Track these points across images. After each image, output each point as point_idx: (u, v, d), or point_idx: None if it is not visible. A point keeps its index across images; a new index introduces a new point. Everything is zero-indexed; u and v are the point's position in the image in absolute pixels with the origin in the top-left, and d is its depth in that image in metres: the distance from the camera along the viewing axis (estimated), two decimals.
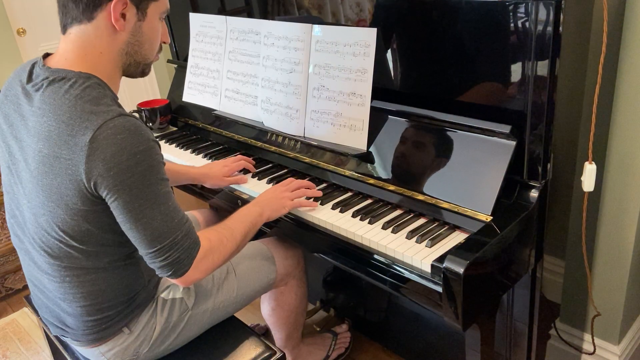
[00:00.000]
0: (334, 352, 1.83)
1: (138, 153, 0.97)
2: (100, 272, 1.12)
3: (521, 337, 1.40)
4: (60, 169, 0.99)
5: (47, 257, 1.10)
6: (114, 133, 0.96)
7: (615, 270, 1.48)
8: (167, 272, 1.07)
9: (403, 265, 1.17)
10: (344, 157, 1.47)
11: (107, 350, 1.22)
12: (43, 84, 1.03)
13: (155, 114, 2.01)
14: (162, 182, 1.03)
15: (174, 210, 1.05)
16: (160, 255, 1.05)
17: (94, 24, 1.03)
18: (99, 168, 0.96)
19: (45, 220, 1.06)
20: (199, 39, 1.88)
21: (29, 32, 3.15)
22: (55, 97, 1.00)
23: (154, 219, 1.02)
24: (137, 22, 1.07)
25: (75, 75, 1.02)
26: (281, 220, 1.43)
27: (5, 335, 2.22)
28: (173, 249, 1.05)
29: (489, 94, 1.22)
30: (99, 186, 0.98)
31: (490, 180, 1.18)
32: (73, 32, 1.05)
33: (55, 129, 0.99)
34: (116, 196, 0.98)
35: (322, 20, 1.53)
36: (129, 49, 1.09)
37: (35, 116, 1.02)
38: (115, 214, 1.03)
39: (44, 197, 1.03)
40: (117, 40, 1.06)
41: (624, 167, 1.35)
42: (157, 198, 1.02)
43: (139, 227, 1.02)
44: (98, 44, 1.05)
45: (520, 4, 1.09)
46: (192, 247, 1.08)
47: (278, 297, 1.58)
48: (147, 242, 1.03)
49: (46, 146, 1.00)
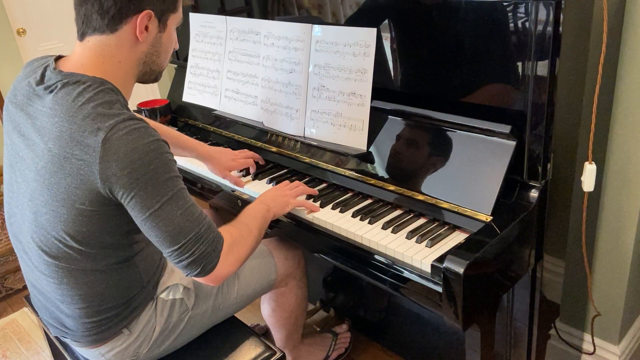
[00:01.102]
0: (334, 352, 1.83)
1: (150, 152, 0.99)
2: (98, 274, 1.12)
3: (521, 337, 1.40)
4: (72, 169, 1.00)
5: (45, 256, 1.10)
6: (126, 134, 0.98)
7: (615, 270, 1.48)
8: (195, 270, 1.05)
9: (403, 265, 1.17)
10: (344, 157, 1.47)
11: (107, 351, 1.22)
12: (57, 85, 1.03)
13: (155, 114, 2.01)
14: (177, 179, 1.04)
15: (193, 206, 1.06)
16: (186, 251, 1.03)
17: (117, 35, 1.05)
18: (112, 168, 0.97)
19: (47, 220, 1.06)
20: (199, 39, 1.88)
21: (29, 32, 3.15)
22: (68, 98, 1.01)
23: (173, 214, 1.02)
24: (158, 33, 1.09)
25: (90, 80, 1.03)
26: (281, 220, 1.43)
27: (5, 335, 2.22)
28: (198, 242, 1.04)
29: (489, 94, 1.22)
30: (114, 186, 0.99)
31: (490, 180, 1.18)
32: (92, 41, 1.06)
33: (67, 129, 1.00)
34: (133, 194, 0.99)
35: (322, 20, 1.53)
36: (147, 59, 1.11)
37: (47, 116, 1.03)
38: (134, 215, 1.03)
39: (48, 196, 1.04)
40: (137, 51, 1.08)
41: (624, 167, 1.36)
42: (174, 193, 1.02)
43: (160, 225, 1.02)
44: (117, 54, 1.07)
45: (520, 4, 1.09)
46: (217, 239, 1.08)
47: (278, 298, 1.58)
48: (171, 239, 1.03)
49: (56, 146, 1.01)
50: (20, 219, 1.14)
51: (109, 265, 1.13)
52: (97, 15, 1.03)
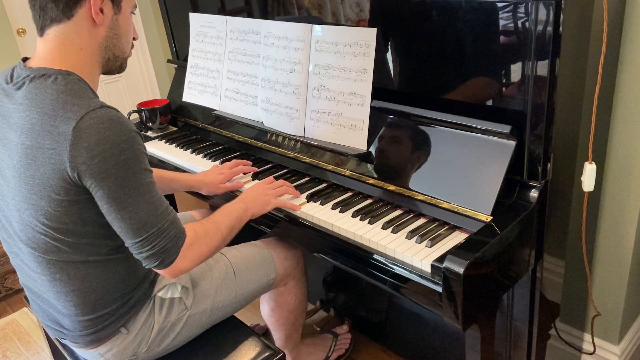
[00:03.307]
0: (334, 353, 1.83)
1: (121, 142, 0.99)
2: (89, 268, 1.12)
3: (521, 337, 1.39)
4: (44, 159, 1.00)
5: (34, 252, 1.10)
6: (98, 122, 0.98)
7: (615, 270, 1.48)
8: (154, 262, 1.08)
9: (403, 265, 1.17)
10: (344, 157, 1.47)
11: (106, 351, 1.22)
12: (24, 81, 1.04)
13: (155, 114, 2.01)
14: (146, 172, 1.05)
15: (159, 200, 1.07)
16: (147, 244, 1.05)
17: (73, 21, 1.06)
18: (82, 156, 0.97)
19: (29, 215, 1.06)
20: (199, 39, 1.88)
21: (29, 32, 3.15)
22: (37, 92, 1.02)
23: (139, 208, 1.03)
24: (114, 15, 1.11)
25: (56, 72, 1.04)
26: (281, 220, 1.43)
27: (5, 335, 2.22)
28: (159, 237, 1.06)
29: (489, 94, 1.22)
30: (83, 175, 0.99)
31: (490, 180, 1.18)
32: (52, 33, 1.07)
33: (38, 121, 1.00)
34: (101, 185, 0.99)
35: (322, 20, 1.53)
36: (108, 43, 1.12)
37: (18, 112, 1.04)
38: (100, 204, 1.03)
39: (26, 191, 1.04)
40: (97, 36, 1.09)
41: (624, 167, 1.35)
42: (141, 187, 1.03)
43: (124, 217, 1.03)
44: (78, 41, 1.08)
45: (520, 4, 1.09)
46: (179, 236, 1.09)
47: (277, 298, 1.58)
48: (133, 231, 1.04)
49: (29, 138, 1.01)
50: (8, 222, 1.14)
51: (98, 256, 1.12)
52: (52, 3, 1.04)
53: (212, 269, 1.38)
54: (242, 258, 1.44)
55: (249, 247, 1.49)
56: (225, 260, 1.41)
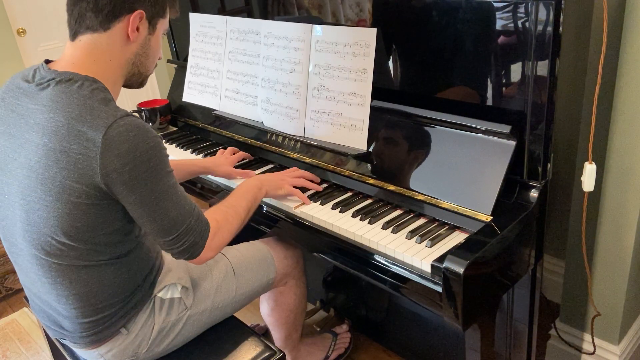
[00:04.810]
0: (333, 353, 1.83)
1: (150, 149, 1.03)
2: (91, 272, 1.13)
3: (521, 337, 1.40)
4: (68, 163, 1.01)
5: (38, 254, 1.10)
6: (126, 130, 1.01)
7: (615, 270, 1.48)
8: (184, 256, 1.15)
9: (403, 265, 1.17)
10: (344, 157, 1.47)
11: (106, 352, 1.22)
12: (50, 83, 1.05)
13: (155, 114, 2.01)
14: (170, 174, 1.10)
15: (184, 199, 1.12)
16: (178, 241, 1.11)
17: (108, 33, 1.08)
18: (114, 164, 0.99)
19: (39, 216, 1.06)
20: (199, 39, 1.88)
21: (29, 32, 3.15)
22: (64, 95, 1.03)
23: (169, 209, 1.08)
24: (148, 35, 1.14)
25: (82, 78, 1.05)
26: (280, 220, 1.43)
27: (5, 335, 2.22)
28: (188, 234, 1.12)
29: (489, 94, 1.22)
30: (114, 182, 1.01)
31: (490, 180, 1.18)
32: (84, 40, 1.08)
33: (64, 124, 1.01)
34: (133, 191, 1.03)
35: (322, 20, 1.53)
36: (136, 60, 1.15)
37: (41, 113, 1.04)
38: (130, 209, 1.07)
39: (42, 191, 1.04)
40: (127, 51, 1.12)
41: (624, 167, 1.35)
42: (169, 189, 1.08)
43: (156, 219, 1.08)
44: (108, 53, 1.10)
45: (520, 4, 1.09)
46: (204, 229, 1.15)
47: (277, 297, 1.58)
48: (165, 231, 1.10)
49: (52, 140, 1.01)
50: (11, 222, 1.14)
51: (101, 262, 1.13)
52: (92, 13, 1.06)
53: (212, 268, 1.38)
54: (242, 258, 1.44)
55: (249, 246, 1.49)
56: (225, 260, 1.41)
